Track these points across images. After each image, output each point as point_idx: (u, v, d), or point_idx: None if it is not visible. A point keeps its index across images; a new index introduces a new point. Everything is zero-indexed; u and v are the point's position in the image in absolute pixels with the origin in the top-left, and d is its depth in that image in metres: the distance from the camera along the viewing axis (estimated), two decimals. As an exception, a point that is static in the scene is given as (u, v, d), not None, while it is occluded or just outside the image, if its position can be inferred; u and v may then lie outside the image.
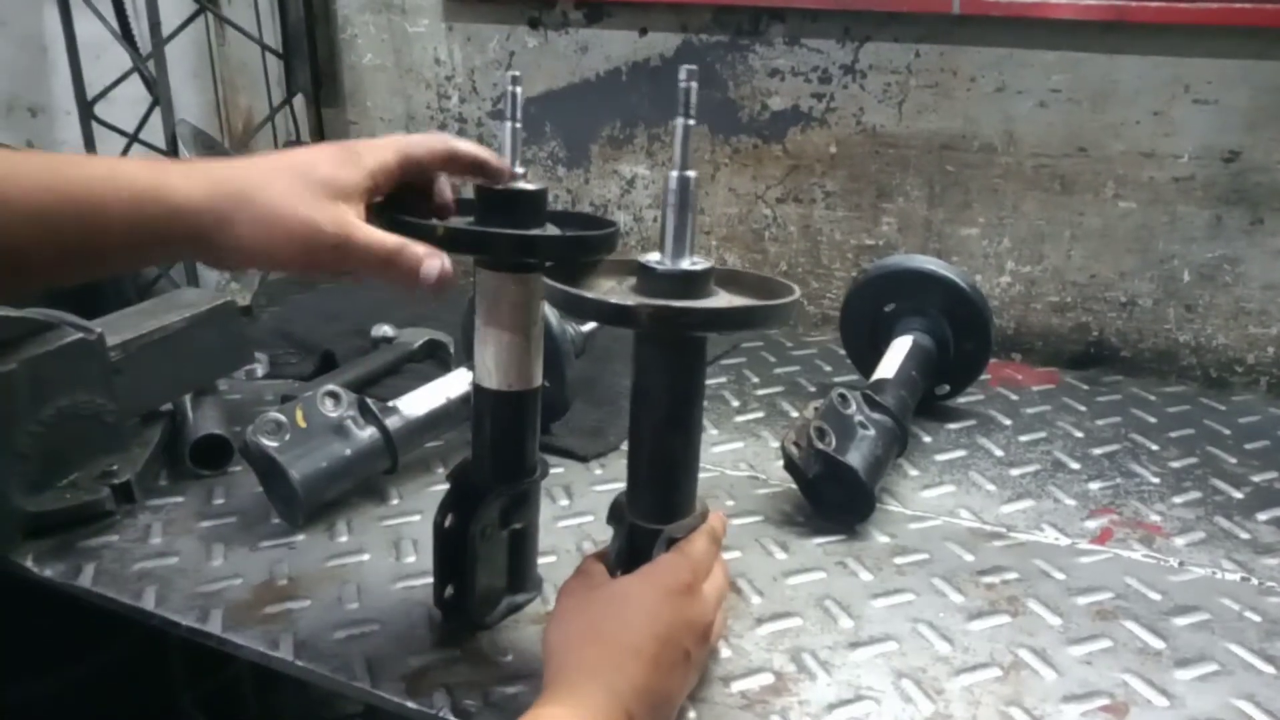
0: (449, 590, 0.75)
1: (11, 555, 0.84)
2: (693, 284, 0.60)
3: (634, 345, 0.63)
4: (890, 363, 1.07)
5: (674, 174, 0.59)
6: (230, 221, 0.58)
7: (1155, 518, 0.94)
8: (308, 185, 0.59)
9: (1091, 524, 0.93)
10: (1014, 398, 1.22)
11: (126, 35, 1.67)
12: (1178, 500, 0.98)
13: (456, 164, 0.67)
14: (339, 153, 0.62)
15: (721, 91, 1.44)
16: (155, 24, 1.46)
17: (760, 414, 1.17)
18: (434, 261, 0.60)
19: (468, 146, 0.67)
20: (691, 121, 0.58)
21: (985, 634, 0.76)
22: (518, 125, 0.67)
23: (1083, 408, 1.19)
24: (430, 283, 0.60)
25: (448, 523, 0.73)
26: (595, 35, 1.48)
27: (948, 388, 1.16)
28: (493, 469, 0.73)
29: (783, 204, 1.47)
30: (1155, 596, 0.82)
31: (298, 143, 1.71)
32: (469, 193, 0.70)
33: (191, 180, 0.59)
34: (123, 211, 0.58)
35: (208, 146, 1.54)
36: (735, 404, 1.20)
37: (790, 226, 1.48)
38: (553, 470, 0.78)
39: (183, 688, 1.26)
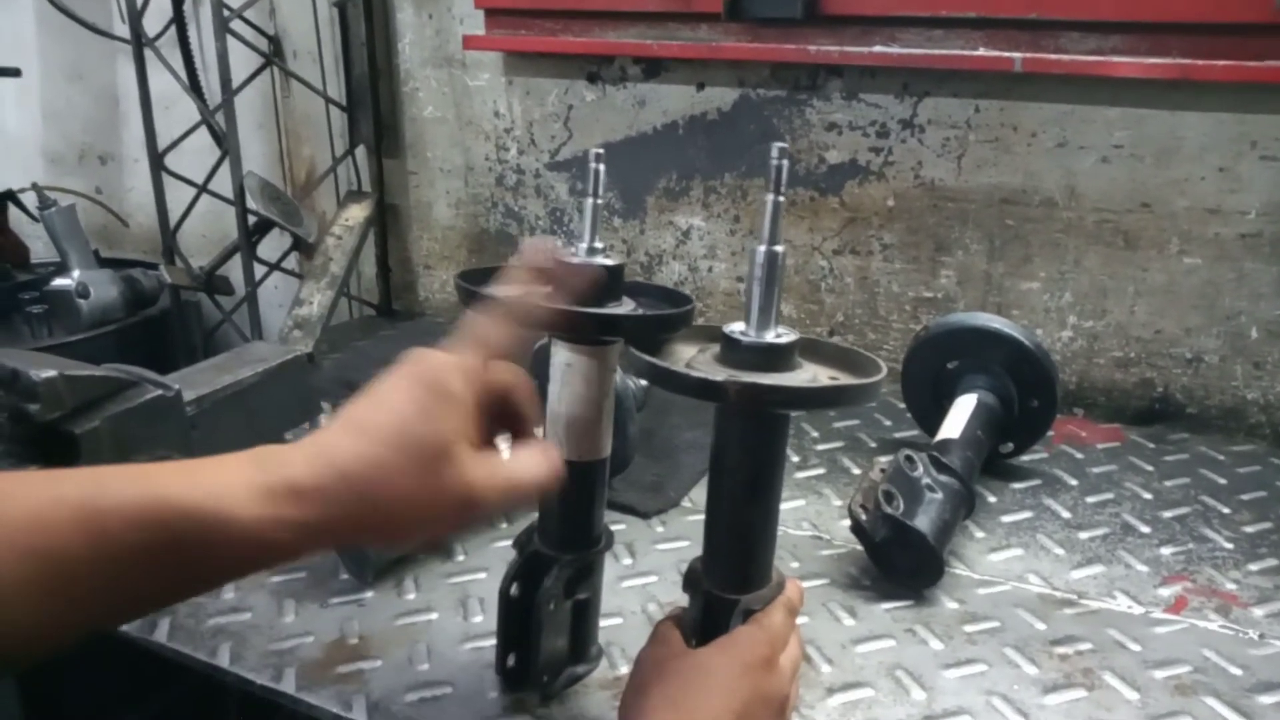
0: (511, 659, 0.75)
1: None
2: (778, 357, 0.60)
3: (715, 416, 0.63)
4: (955, 422, 1.07)
5: (761, 248, 0.59)
6: (354, 531, 0.52)
7: (1231, 586, 0.92)
8: (420, 462, 0.50)
9: (1165, 591, 0.92)
10: (1079, 456, 1.20)
11: (195, 88, 1.72)
12: (1253, 567, 0.96)
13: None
14: (427, 399, 0.51)
15: (778, 144, 1.44)
16: (226, 80, 1.50)
17: (821, 470, 1.17)
18: (547, 468, 0.55)
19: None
20: (781, 199, 0.59)
21: (1061, 709, 0.75)
22: (599, 201, 0.68)
23: (1150, 467, 1.17)
24: (554, 486, 0.56)
25: (514, 592, 0.73)
26: (653, 90, 1.50)
27: (1012, 446, 1.15)
28: (559, 538, 0.73)
29: (839, 255, 1.47)
30: (1236, 671, 0.80)
31: (360, 192, 1.74)
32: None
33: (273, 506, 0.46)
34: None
35: (273, 198, 1.58)
36: (795, 460, 1.19)
37: (847, 278, 1.48)
38: (614, 528, 0.78)
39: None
